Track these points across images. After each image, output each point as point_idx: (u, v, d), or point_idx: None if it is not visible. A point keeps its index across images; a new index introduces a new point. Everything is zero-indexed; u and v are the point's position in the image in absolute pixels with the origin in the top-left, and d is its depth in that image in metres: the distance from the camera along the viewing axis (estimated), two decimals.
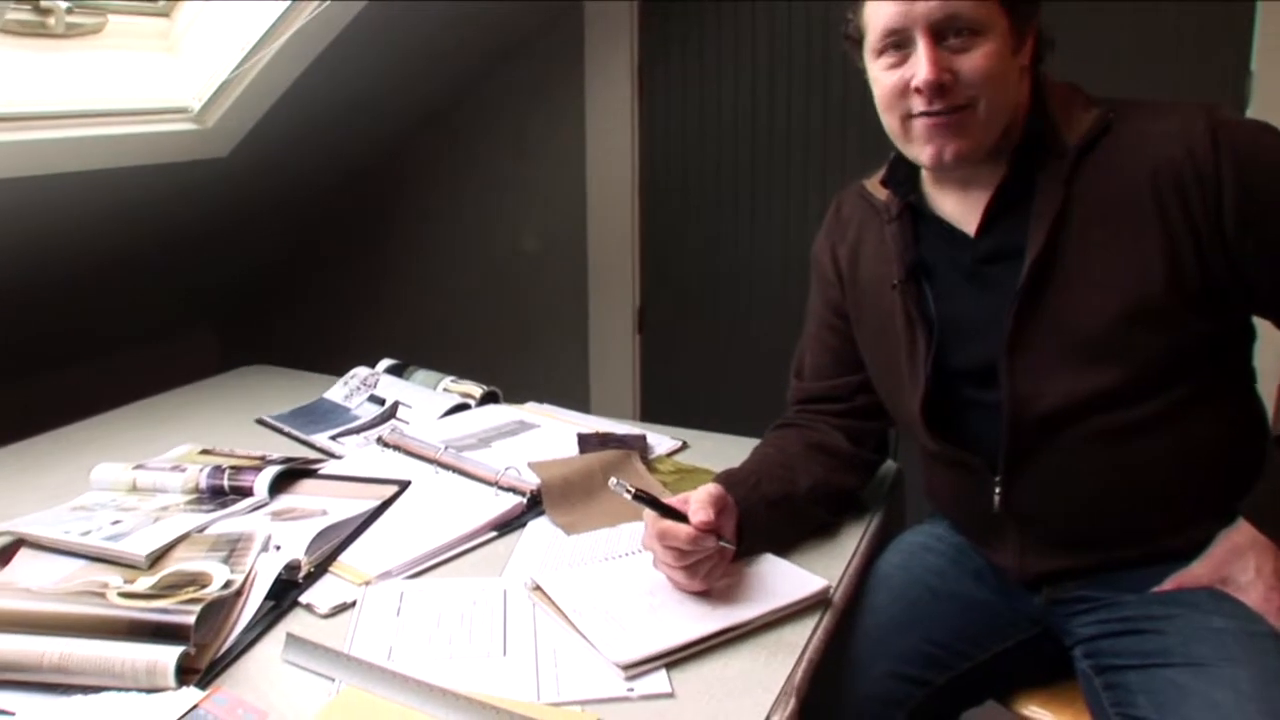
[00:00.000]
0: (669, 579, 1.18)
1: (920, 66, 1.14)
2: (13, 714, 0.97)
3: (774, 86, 2.70)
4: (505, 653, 1.08)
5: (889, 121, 1.23)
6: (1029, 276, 1.18)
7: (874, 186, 1.37)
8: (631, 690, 1.01)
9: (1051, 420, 1.20)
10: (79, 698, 0.99)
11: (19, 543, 1.32)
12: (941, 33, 1.14)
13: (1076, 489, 1.22)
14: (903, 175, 1.31)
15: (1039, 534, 1.27)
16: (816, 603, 1.18)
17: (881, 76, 1.20)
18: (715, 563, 1.17)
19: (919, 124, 1.18)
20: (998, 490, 1.26)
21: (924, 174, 1.30)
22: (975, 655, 1.32)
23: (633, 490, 1.17)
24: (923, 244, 1.30)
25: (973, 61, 1.14)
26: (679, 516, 1.15)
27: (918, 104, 1.17)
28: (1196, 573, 1.20)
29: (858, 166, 1.43)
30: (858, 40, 1.24)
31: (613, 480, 1.19)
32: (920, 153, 1.21)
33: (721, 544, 1.17)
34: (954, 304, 1.27)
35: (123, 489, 1.50)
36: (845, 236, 1.41)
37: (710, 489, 1.22)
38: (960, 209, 1.27)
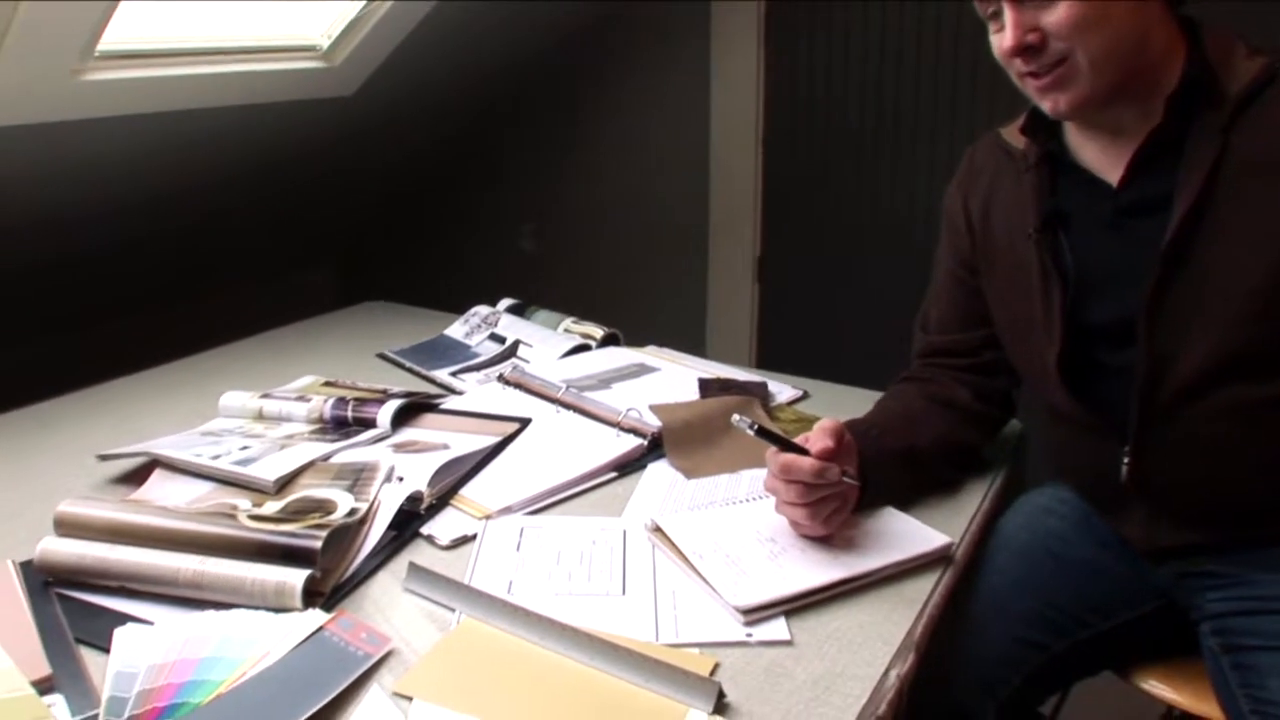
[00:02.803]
0: (791, 522, 1.17)
1: (1005, 33, 1.12)
2: (152, 623, 1.00)
3: (903, 40, 2.65)
4: (624, 592, 1.08)
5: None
6: (1178, 229, 1.12)
7: (1011, 135, 1.33)
8: (750, 636, 1.00)
9: (1188, 386, 1.14)
10: (211, 613, 1.02)
11: (153, 463, 1.36)
12: None
13: (1210, 463, 1.17)
14: (1044, 123, 1.26)
15: (1168, 507, 1.22)
16: (938, 559, 1.16)
17: (992, 40, 1.18)
18: (838, 506, 1.15)
19: (1029, 84, 1.16)
20: (1126, 460, 1.21)
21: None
22: (1096, 624, 1.29)
23: (756, 425, 1.15)
24: (1060, 194, 1.26)
25: (1057, 15, 1.09)
26: (801, 453, 1.13)
27: (1018, 65, 1.15)
28: None
29: (985, 119, 1.39)
30: None
31: (735, 416, 1.16)
32: (1041, 105, 1.18)
33: (845, 479, 1.15)
34: (1092, 256, 1.23)
35: (249, 416, 1.54)
36: (978, 187, 1.37)
37: (826, 422, 1.19)
38: (1104, 158, 1.22)
